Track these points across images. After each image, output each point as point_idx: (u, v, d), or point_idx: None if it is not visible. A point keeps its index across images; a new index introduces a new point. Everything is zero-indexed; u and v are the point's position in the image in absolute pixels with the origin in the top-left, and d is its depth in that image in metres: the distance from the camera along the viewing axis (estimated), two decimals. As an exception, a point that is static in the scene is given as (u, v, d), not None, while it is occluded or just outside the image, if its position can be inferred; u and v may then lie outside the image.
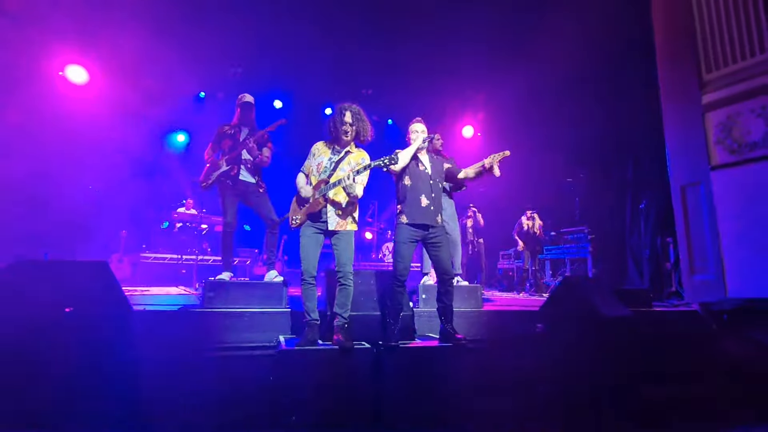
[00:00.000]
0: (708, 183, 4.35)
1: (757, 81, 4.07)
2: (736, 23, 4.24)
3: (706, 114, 4.43)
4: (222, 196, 3.69)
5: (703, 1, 4.50)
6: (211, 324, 2.95)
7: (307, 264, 2.82)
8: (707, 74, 4.46)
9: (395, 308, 2.99)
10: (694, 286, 4.54)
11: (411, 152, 3.07)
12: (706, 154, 4.37)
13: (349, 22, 6.98)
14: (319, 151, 3.02)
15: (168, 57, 7.40)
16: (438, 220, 3.07)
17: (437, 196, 3.11)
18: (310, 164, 3.01)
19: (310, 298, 2.84)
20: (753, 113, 4.13)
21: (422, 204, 3.01)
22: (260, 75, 8.30)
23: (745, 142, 4.15)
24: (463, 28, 7.10)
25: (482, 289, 3.96)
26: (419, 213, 2.99)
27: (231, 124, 3.82)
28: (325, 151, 3.00)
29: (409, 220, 2.99)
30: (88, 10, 6.09)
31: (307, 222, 2.88)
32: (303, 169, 3.04)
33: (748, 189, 4.08)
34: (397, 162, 2.94)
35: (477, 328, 3.47)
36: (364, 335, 2.99)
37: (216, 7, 6.56)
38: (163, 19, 6.50)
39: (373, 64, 8.04)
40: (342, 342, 2.70)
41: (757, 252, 3.98)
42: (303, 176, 3.02)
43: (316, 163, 2.97)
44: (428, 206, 3.02)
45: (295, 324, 3.13)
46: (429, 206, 3.02)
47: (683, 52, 4.69)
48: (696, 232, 4.53)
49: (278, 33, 7.12)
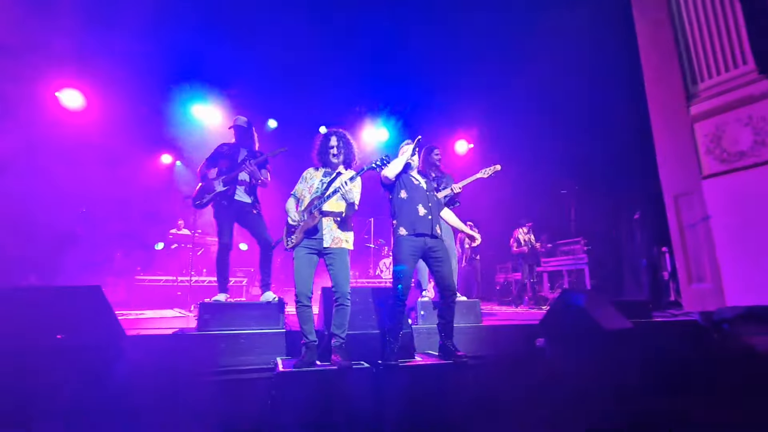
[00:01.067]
0: (700, 192, 4.40)
1: (743, 91, 4.17)
2: (719, 36, 4.37)
3: (695, 124, 4.52)
4: (217, 216, 3.66)
5: (686, 15, 4.65)
6: (207, 347, 2.89)
7: (302, 286, 2.79)
8: (693, 86, 4.57)
9: (395, 327, 2.95)
10: (693, 295, 4.54)
11: (402, 160, 3.09)
12: (697, 163, 4.44)
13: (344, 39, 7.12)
14: (311, 175, 3.06)
15: (163, 78, 7.51)
16: (438, 230, 3.06)
17: (434, 208, 3.11)
18: (302, 188, 3.02)
19: (306, 321, 2.80)
20: (740, 123, 4.22)
21: (420, 213, 3.01)
22: (255, 95, 8.39)
23: (734, 151, 4.23)
24: (456, 46, 7.27)
25: (480, 304, 3.93)
26: (418, 222, 2.98)
27: (229, 144, 3.83)
28: (317, 174, 3.04)
29: (408, 231, 2.96)
30: (82, 34, 6.17)
31: (301, 243, 2.86)
32: (294, 193, 3.05)
33: (740, 197, 4.13)
34: (389, 165, 2.97)
35: (477, 344, 3.42)
36: (362, 354, 2.94)
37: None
38: (158, 40, 6.60)
39: (367, 80, 8.17)
40: (340, 362, 2.65)
41: (753, 259, 4.00)
42: (293, 200, 3.03)
43: (308, 186, 2.99)
44: (426, 215, 3.01)
45: (292, 345, 3.08)
46: (427, 215, 3.01)
47: (668, 65, 4.80)
48: (691, 240, 4.56)
49: (274, 52, 7.23)
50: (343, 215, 2.91)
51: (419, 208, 3.02)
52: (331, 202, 2.87)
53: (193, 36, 6.75)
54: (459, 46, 7.23)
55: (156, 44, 6.68)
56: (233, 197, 3.62)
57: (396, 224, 3.04)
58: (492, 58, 7.36)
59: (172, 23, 6.46)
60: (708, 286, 4.32)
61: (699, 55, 4.50)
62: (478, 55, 7.36)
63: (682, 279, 4.64)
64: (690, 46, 4.58)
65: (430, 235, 2.99)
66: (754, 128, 4.08)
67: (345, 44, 7.19)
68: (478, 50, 7.23)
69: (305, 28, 6.76)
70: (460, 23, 6.86)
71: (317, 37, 6.93)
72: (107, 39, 6.34)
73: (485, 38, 6.88)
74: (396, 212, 3.08)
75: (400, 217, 3.03)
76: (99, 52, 6.52)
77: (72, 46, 6.29)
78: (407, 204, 3.04)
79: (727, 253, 4.17)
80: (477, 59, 7.46)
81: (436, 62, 7.69)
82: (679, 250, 4.68)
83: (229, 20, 6.61)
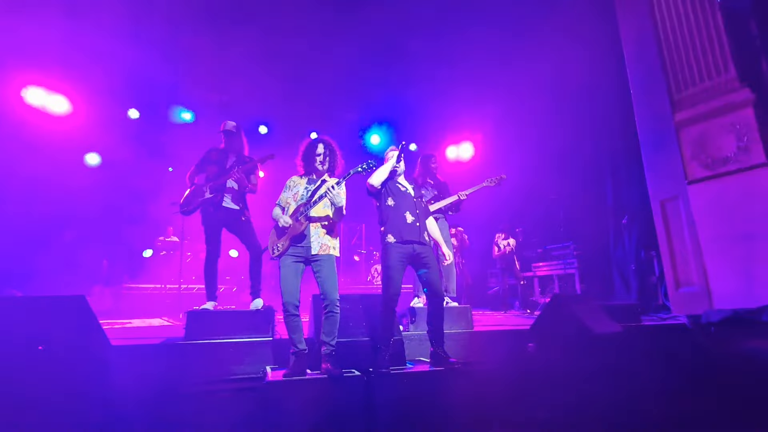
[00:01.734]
0: (686, 197, 4.48)
1: (725, 99, 4.27)
2: (701, 45, 4.48)
3: (680, 131, 4.61)
4: (205, 223, 3.62)
5: (669, 25, 4.76)
6: (195, 357, 2.84)
7: (289, 296, 2.75)
8: (678, 93, 4.67)
9: (386, 334, 2.93)
10: (680, 299, 4.60)
11: (387, 167, 3.08)
12: (683, 169, 4.52)
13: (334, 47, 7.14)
14: (295, 183, 3.04)
15: (155, 84, 7.45)
16: (425, 238, 3.06)
17: (422, 215, 3.11)
18: (286, 196, 3.00)
19: (295, 330, 2.76)
20: (723, 129, 4.31)
21: (407, 221, 3.00)
22: (247, 101, 8.35)
23: (718, 157, 4.31)
24: (450, 57, 7.34)
25: (471, 310, 3.93)
26: (405, 229, 2.97)
27: (218, 150, 3.79)
28: (301, 182, 3.02)
29: (396, 239, 2.95)
30: (70, 36, 6.10)
31: (287, 251, 2.84)
32: (279, 202, 3.02)
33: (724, 201, 4.21)
34: (374, 173, 2.98)
35: (468, 350, 3.42)
36: (353, 362, 2.91)
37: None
38: (147, 44, 6.55)
39: (359, 89, 8.20)
40: (331, 370, 2.62)
41: (737, 262, 4.07)
42: (279, 209, 3.00)
43: (292, 194, 2.97)
44: (414, 222, 3.01)
45: (282, 354, 3.03)
46: (414, 222, 3.01)
47: (654, 72, 4.90)
48: (678, 245, 4.63)
49: (265, 58, 7.22)
50: (330, 221, 2.89)
51: (407, 215, 3.01)
52: (317, 208, 2.85)
53: (183, 38, 6.71)
54: (451, 52, 7.30)
55: (144, 48, 6.63)
56: (221, 204, 3.58)
57: (384, 231, 3.03)
58: (482, 67, 7.45)
59: (159, 27, 6.42)
60: (695, 290, 4.38)
61: (683, 64, 4.61)
62: (470, 64, 7.45)
63: (670, 283, 4.70)
64: (674, 55, 4.69)
65: (418, 242, 2.98)
66: (737, 134, 4.17)
67: (337, 47, 7.20)
68: (469, 57, 7.31)
69: (296, 31, 6.77)
70: (448, 29, 6.92)
71: (308, 38, 6.94)
72: (91, 42, 6.27)
73: (477, 45, 6.95)
74: (384, 219, 3.07)
75: (387, 225, 3.02)
76: (84, 55, 6.45)
77: (58, 48, 6.22)
78: (394, 211, 3.03)
79: (713, 257, 4.24)
80: (468, 67, 7.55)
81: (427, 69, 7.75)
82: (667, 255, 4.75)
83: (218, 21, 6.57)
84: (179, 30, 6.52)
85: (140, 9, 6.12)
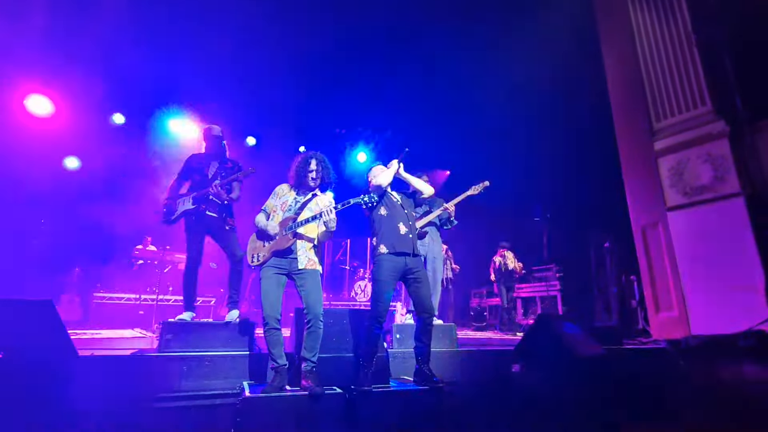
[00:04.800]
0: (665, 223, 4.60)
1: (702, 130, 4.45)
2: (679, 79, 4.69)
3: (659, 159, 4.78)
4: (187, 230, 3.51)
5: (648, 58, 4.98)
6: (168, 370, 2.70)
7: (270, 308, 2.67)
8: (657, 123, 4.86)
9: (370, 351, 2.85)
10: (660, 323, 4.66)
11: (392, 172, 3.10)
12: (662, 196, 4.66)
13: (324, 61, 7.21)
14: (284, 191, 3.00)
15: (136, 91, 7.35)
16: (418, 249, 3.04)
17: (414, 226, 3.10)
18: (273, 203, 2.95)
19: (276, 344, 2.67)
20: (700, 159, 4.48)
21: (401, 231, 2.97)
22: (234, 111, 8.30)
23: (696, 185, 4.46)
24: (432, 74, 7.50)
25: (456, 328, 3.88)
26: (399, 240, 2.93)
27: (198, 156, 3.71)
28: (290, 192, 2.98)
29: (389, 249, 2.91)
30: (51, 42, 6.00)
31: (268, 262, 2.76)
32: (265, 208, 2.97)
33: (702, 229, 4.33)
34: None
35: (453, 370, 3.36)
36: (335, 379, 2.82)
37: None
38: (136, 50, 6.49)
39: (347, 103, 8.27)
40: (311, 387, 2.53)
41: (715, 288, 4.16)
42: (264, 215, 2.94)
43: (280, 202, 2.92)
44: (407, 234, 2.98)
45: (260, 369, 2.92)
46: (408, 234, 2.98)
47: (634, 103, 5.10)
48: (658, 269, 4.73)
49: (251, 70, 7.23)
50: (316, 241, 2.85)
51: (400, 226, 2.99)
52: (308, 226, 2.81)
53: (169, 53, 6.69)
54: (434, 74, 7.46)
55: (133, 58, 6.57)
56: (204, 213, 3.49)
57: (376, 242, 2.99)
58: (465, 88, 7.62)
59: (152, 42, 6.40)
60: (674, 315, 4.45)
61: (662, 96, 4.81)
62: (453, 83, 7.61)
63: (650, 307, 4.77)
64: (653, 87, 4.89)
65: (411, 254, 2.95)
66: (713, 164, 4.34)
67: (326, 64, 7.28)
68: (453, 79, 7.48)
69: (287, 45, 6.83)
70: (434, 54, 7.09)
71: (298, 57, 7.00)
72: (75, 47, 6.18)
73: (461, 66, 7.13)
74: (376, 230, 3.03)
75: (380, 235, 2.98)
76: (67, 60, 6.34)
77: (40, 53, 6.11)
78: (387, 221, 3.00)
79: (691, 282, 4.33)
80: (452, 87, 7.71)
81: (412, 90, 7.89)
82: (647, 280, 4.83)
83: (206, 37, 6.58)
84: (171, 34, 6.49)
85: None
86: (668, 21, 4.84)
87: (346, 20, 6.45)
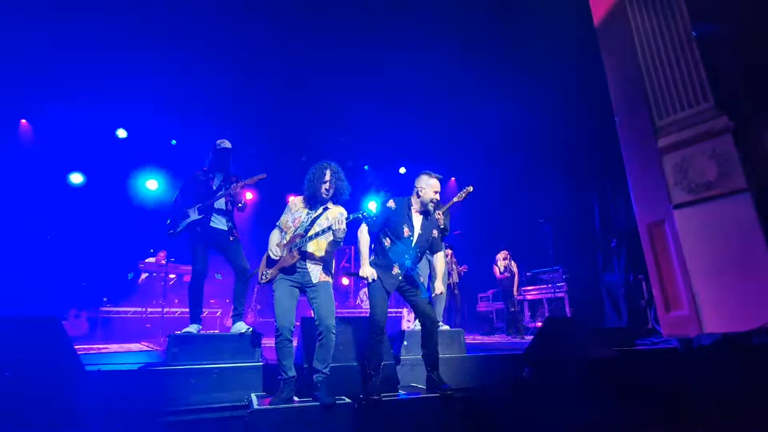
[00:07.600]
0: (672, 221, 4.55)
1: (704, 126, 4.41)
2: (680, 75, 4.67)
3: (663, 156, 4.73)
4: (192, 242, 3.52)
5: (648, 55, 4.97)
6: (175, 383, 2.68)
7: (283, 320, 2.64)
8: (659, 120, 4.82)
9: (375, 359, 2.83)
10: (671, 322, 4.58)
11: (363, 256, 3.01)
12: (668, 193, 4.61)
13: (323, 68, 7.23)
14: (296, 206, 2.95)
15: (138, 104, 7.41)
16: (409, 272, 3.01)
17: (413, 263, 3.03)
18: (286, 219, 2.92)
19: (287, 356, 2.64)
20: (704, 156, 4.43)
21: (393, 272, 2.94)
22: (233, 123, 8.33)
23: (701, 182, 4.42)
24: (430, 82, 7.50)
25: (464, 333, 3.84)
26: (387, 281, 2.93)
27: (203, 170, 3.73)
28: (303, 206, 2.93)
29: (379, 277, 2.92)
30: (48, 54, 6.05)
31: (280, 275, 2.75)
32: (279, 224, 2.95)
33: (709, 225, 4.28)
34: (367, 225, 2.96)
35: (462, 375, 3.32)
36: (344, 388, 2.79)
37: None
38: (137, 62, 6.55)
39: (349, 110, 8.27)
40: (321, 398, 2.50)
41: (725, 285, 4.10)
42: (278, 232, 2.92)
43: (293, 218, 2.89)
44: (397, 276, 2.95)
45: (268, 380, 2.89)
46: (398, 276, 2.95)
47: (636, 100, 5.07)
48: (666, 268, 4.66)
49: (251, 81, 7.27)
50: (326, 254, 2.81)
51: (394, 267, 2.94)
52: (317, 241, 2.77)
53: (170, 62, 6.73)
54: (433, 81, 7.46)
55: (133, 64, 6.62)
56: (208, 224, 3.50)
57: (372, 260, 2.99)
58: (462, 93, 7.61)
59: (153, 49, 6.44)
60: (685, 313, 4.38)
61: (663, 92, 4.78)
62: (450, 91, 7.61)
63: (660, 306, 4.70)
64: (654, 84, 4.87)
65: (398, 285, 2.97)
66: (718, 160, 4.29)
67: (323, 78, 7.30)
68: (450, 86, 7.48)
69: (289, 49, 6.85)
70: (430, 61, 7.09)
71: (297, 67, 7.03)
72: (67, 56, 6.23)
73: (459, 72, 7.13)
74: (376, 250, 3.03)
75: (376, 260, 2.99)
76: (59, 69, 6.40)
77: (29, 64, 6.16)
78: (383, 259, 2.97)
79: (701, 280, 4.26)
80: (448, 95, 7.70)
81: (410, 97, 7.88)
82: (655, 278, 4.76)
83: (204, 49, 6.61)
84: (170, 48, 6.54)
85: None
86: (667, 16, 4.84)
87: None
